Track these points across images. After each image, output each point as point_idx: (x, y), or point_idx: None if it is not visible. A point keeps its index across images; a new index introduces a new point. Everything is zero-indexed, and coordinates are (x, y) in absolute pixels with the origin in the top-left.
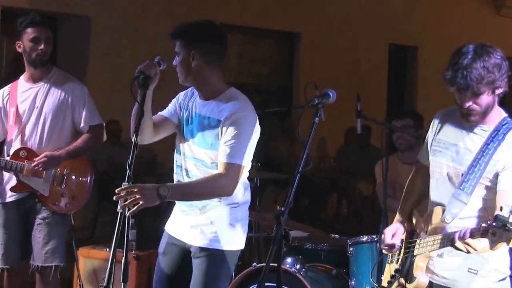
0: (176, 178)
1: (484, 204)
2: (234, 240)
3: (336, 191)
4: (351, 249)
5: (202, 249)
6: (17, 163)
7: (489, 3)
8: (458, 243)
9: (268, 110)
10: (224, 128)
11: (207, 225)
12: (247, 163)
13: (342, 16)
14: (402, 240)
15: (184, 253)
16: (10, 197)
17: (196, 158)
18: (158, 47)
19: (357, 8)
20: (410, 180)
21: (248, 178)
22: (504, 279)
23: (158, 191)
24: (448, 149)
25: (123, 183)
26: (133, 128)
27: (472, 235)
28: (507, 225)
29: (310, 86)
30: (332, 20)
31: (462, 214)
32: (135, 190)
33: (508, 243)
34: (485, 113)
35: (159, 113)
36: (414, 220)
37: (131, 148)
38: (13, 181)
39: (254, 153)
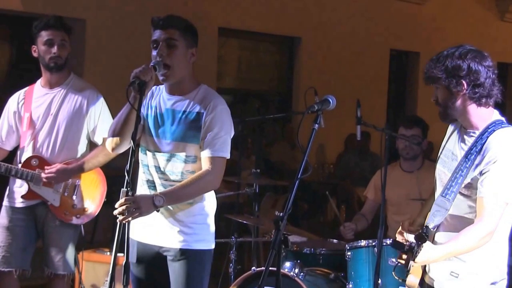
0: (145, 177)
1: (470, 207)
2: (210, 238)
3: (335, 197)
4: (349, 253)
5: (183, 251)
6: (28, 171)
7: (492, 8)
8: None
9: (268, 116)
10: (207, 121)
11: (185, 226)
12: (229, 154)
13: (342, 20)
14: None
15: (158, 258)
16: (20, 202)
17: (169, 153)
18: None
19: (358, 13)
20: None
21: (248, 184)
22: (494, 283)
23: (153, 201)
24: (446, 156)
25: (122, 189)
26: (112, 131)
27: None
28: (404, 247)
29: (310, 92)
30: (332, 25)
31: (451, 220)
32: (132, 203)
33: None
34: (445, 111)
35: None
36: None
37: (129, 153)
38: (25, 188)
39: (254, 158)
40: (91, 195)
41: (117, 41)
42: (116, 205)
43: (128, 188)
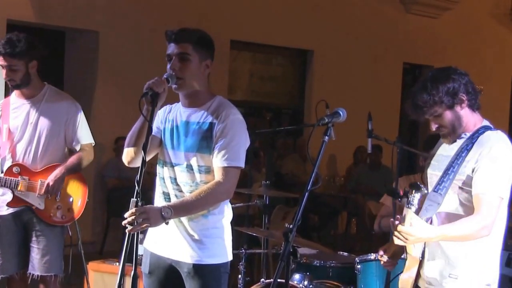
0: (161, 189)
1: (462, 205)
2: (226, 251)
3: (346, 210)
4: (359, 266)
5: (196, 267)
6: (11, 179)
7: (507, 22)
8: (394, 238)
9: (279, 129)
10: (219, 131)
11: (198, 241)
12: (243, 164)
13: (355, 34)
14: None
15: (172, 271)
16: (6, 210)
17: (184, 164)
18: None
19: (371, 26)
20: None
21: (258, 196)
22: (488, 285)
23: (161, 213)
24: (436, 160)
25: (132, 199)
26: (127, 144)
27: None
28: (396, 196)
29: (321, 105)
30: (345, 38)
31: (443, 217)
32: (141, 214)
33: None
34: (454, 127)
35: None
36: None
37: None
38: (9, 196)
39: (265, 171)
40: (74, 195)
41: (129, 53)
42: (126, 215)
43: (138, 199)
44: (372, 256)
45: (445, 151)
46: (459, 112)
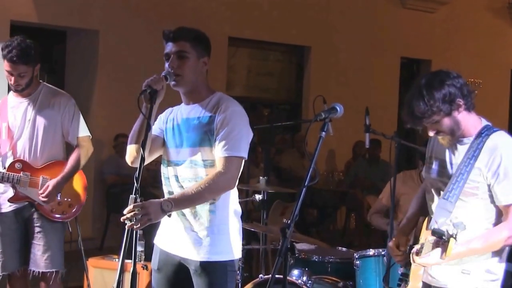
0: (166, 189)
1: (475, 212)
2: (233, 249)
3: (345, 205)
4: (358, 262)
5: (203, 263)
6: (14, 174)
7: (505, 16)
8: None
9: (276, 124)
10: (219, 122)
11: (204, 238)
12: (246, 155)
13: (352, 29)
14: (410, 246)
15: (180, 268)
16: (8, 207)
17: (187, 160)
18: None
19: (368, 21)
20: (419, 192)
21: (256, 192)
22: (495, 280)
23: (162, 207)
24: (436, 165)
25: (131, 196)
26: (129, 143)
27: (417, 253)
28: (443, 237)
29: (319, 100)
30: (342, 34)
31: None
32: (141, 209)
33: (445, 252)
34: (453, 131)
35: None
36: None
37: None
38: (10, 192)
39: (263, 166)
40: (74, 192)
41: (129, 51)
42: (125, 212)
43: (137, 195)
44: (371, 251)
45: (447, 156)
46: (457, 117)
